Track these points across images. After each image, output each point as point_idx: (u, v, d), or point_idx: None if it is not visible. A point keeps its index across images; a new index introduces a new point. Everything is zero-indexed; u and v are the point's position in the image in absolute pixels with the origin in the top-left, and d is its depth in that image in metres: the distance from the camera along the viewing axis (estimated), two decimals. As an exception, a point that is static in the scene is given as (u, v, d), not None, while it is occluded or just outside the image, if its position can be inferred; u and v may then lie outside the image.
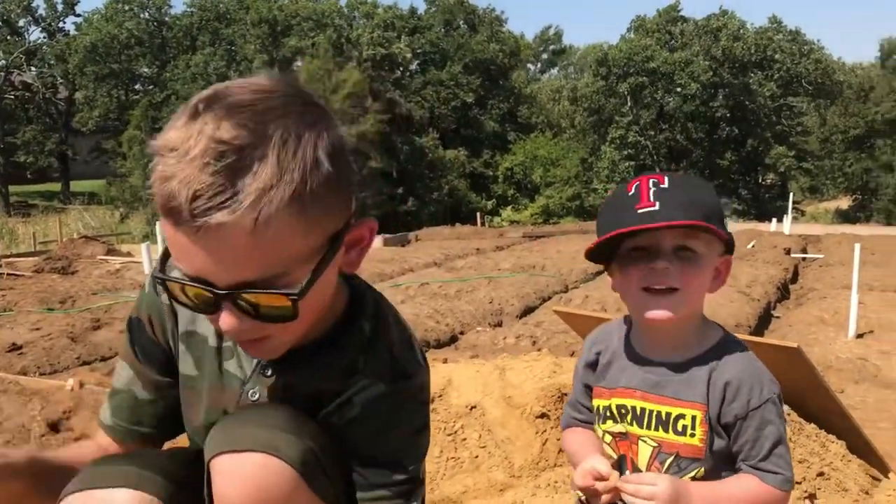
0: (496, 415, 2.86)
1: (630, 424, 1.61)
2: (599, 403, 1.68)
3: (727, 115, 42.25)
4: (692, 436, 1.54)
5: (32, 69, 46.30)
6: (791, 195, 27.14)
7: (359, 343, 1.36)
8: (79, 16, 47.50)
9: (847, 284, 9.13)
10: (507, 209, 39.66)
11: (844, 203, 47.54)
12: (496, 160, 41.11)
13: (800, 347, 2.96)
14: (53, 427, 4.93)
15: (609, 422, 1.65)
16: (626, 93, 40.79)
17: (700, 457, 1.55)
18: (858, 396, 6.28)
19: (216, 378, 1.43)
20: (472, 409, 2.91)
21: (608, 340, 1.72)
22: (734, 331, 4.00)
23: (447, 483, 2.58)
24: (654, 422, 1.58)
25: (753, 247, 16.91)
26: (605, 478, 1.53)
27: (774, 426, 1.51)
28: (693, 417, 1.54)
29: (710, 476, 1.56)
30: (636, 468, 1.60)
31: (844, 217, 41.73)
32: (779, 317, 10.41)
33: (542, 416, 2.71)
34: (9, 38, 45.49)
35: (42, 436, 4.75)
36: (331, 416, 1.35)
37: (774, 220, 23.53)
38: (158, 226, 10.37)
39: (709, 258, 1.52)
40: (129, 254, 17.41)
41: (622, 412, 1.62)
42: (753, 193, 45.48)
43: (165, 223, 1.08)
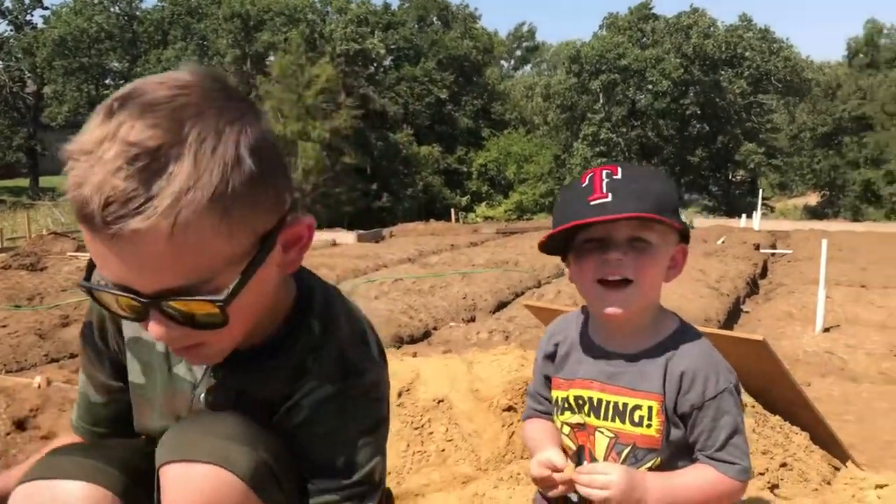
0: (463, 408, 2.87)
1: (587, 415, 1.61)
2: (558, 395, 1.67)
3: (698, 112, 42.64)
4: (648, 426, 1.54)
5: (-1, 62, 45.61)
6: (761, 191, 27.40)
7: (308, 343, 1.32)
8: (47, 8, 46.89)
9: (815, 279, 9.23)
10: (482, 205, 39.74)
11: (813, 199, 48.17)
12: (470, 156, 41.17)
13: (765, 340, 2.98)
14: (19, 425, 4.84)
15: (567, 413, 1.65)
16: (599, 90, 41.00)
17: (656, 447, 1.55)
18: (825, 389, 6.36)
19: (166, 383, 1.39)
20: (440, 403, 2.91)
21: (566, 331, 1.71)
22: (704, 326, 4.04)
23: (413, 477, 2.58)
24: (611, 413, 1.57)
25: (723, 242, 17.07)
26: (561, 470, 1.53)
27: (731, 416, 1.51)
28: (649, 408, 1.54)
29: (667, 466, 1.56)
30: (594, 459, 1.60)
31: (813, 213, 42.27)
32: (748, 311, 10.52)
33: (509, 409, 2.73)
34: (-26, 32, 44.74)
35: (7, 434, 4.67)
36: (282, 420, 1.31)
37: (744, 216, 23.75)
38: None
39: (663, 248, 1.52)
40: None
41: (580, 403, 1.62)
42: (724, 190, 45.96)
43: (83, 230, 1.02)
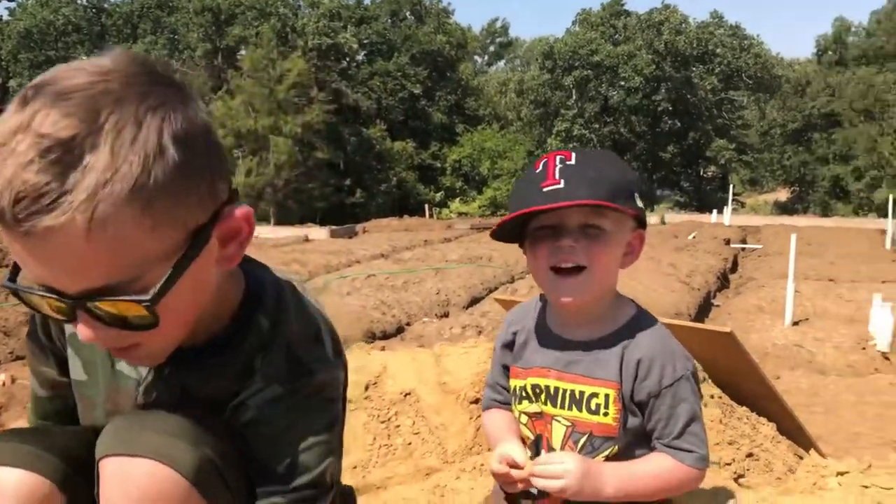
0: (431, 401, 2.86)
1: (544, 404, 1.59)
2: (516, 384, 1.65)
3: (669, 109, 43.00)
4: (605, 414, 1.52)
5: (-37, 56, 44.78)
6: (731, 187, 27.79)
7: (255, 341, 1.27)
8: (12, 0, 46.07)
9: (784, 274, 9.35)
10: (455, 201, 39.77)
11: (783, 195, 48.81)
12: (444, 152, 41.18)
13: (732, 332, 3.00)
14: (-16, 422, 4.77)
15: (525, 402, 1.62)
16: (572, 86, 41.20)
17: (614, 435, 1.53)
18: (793, 382, 6.43)
19: (109, 380, 1.34)
20: (407, 396, 2.90)
21: (524, 320, 1.69)
22: (674, 319, 4.06)
23: (379, 470, 2.57)
24: (568, 401, 1.55)
25: (694, 237, 17.24)
26: (521, 466, 1.51)
27: (688, 404, 1.50)
28: (606, 396, 1.52)
29: (625, 454, 1.54)
30: (552, 448, 1.58)
31: (783, 209, 42.83)
32: (718, 305, 10.63)
33: (477, 402, 2.71)
34: (-63, 24, 43.94)
35: (-29, 432, 4.60)
36: (230, 420, 1.27)
37: (715, 212, 24.04)
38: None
39: (618, 235, 1.49)
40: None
41: (536, 392, 1.60)
42: (695, 185, 46.43)
43: None
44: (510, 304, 4.14)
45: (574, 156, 1.48)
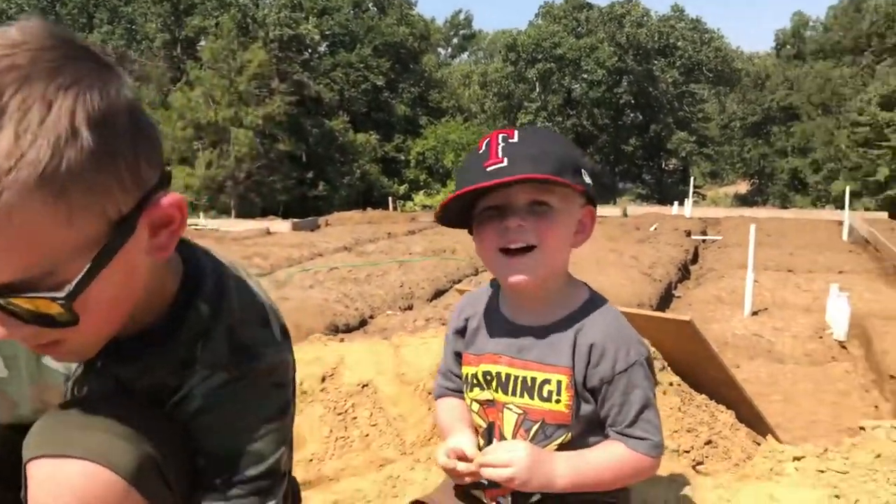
0: (389, 392, 2.82)
1: (496, 391, 1.54)
2: (468, 371, 1.60)
3: (631, 102, 43.38)
4: (558, 401, 1.48)
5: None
6: (692, 179, 28.04)
7: (195, 329, 1.19)
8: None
9: (743, 265, 9.46)
10: (420, 194, 39.71)
11: (743, 187, 49.55)
12: (408, 144, 41.08)
13: (692, 320, 3.00)
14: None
15: (476, 389, 1.58)
16: (535, 78, 41.34)
17: (566, 423, 1.49)
18: (752, 371, 6.52)
19: (35, 376, 1.27)
20: (364, 388, 2.85)
21: (477, 305, 1.64)
22: (636, 310, 4.06)
23: (336, 463, 2.53)
24: (520, 388, 1.51)
25: (656, 229, 17.40)
26: (470, 459, 1.46)
27: (641, 390, 1.46)
28: (558, 382, 1.48)
29: (578, 442, 1.50)
30: (503, 437, 1.54)
31: (743, 201, 43.48)
32: (679, 296, 10.73)
33: (436, 393, 2.69)
34: None
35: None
36: (173, 413, 1.20)
37: (676, 204, 24.31)
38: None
39: (566, 212, 1.45)
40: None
41: (488, 379, 1.55)
42: (656, 178, 46.95)
43: None
44: (471, 295, 4.11)
45: (517, 134, 1.44)
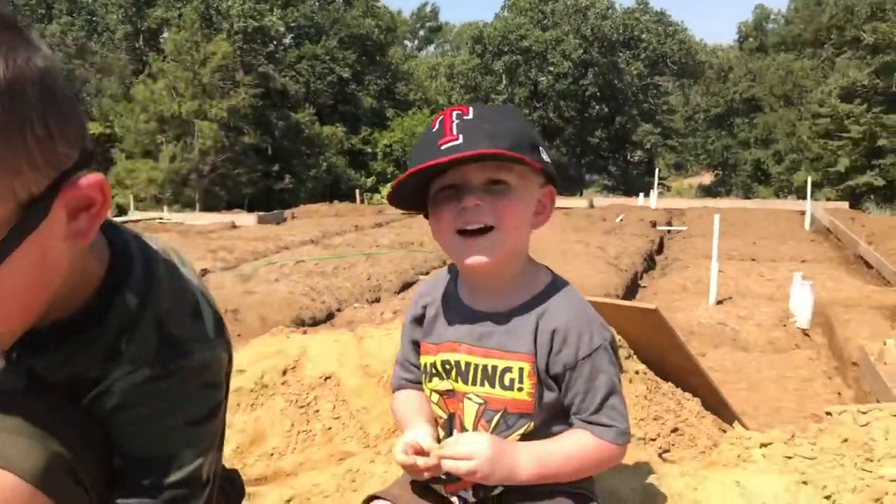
0: (352, 384, 2.76)
1: (455, 381, 1.48)
2: (427, 360, 1.53)
3: (597, 94, 43.61)
4: (520, 390, 1.42)
5: None
6: (657, 171, 28.28)
7: (121, 320, 1.10)
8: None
9: (708, 254, 9.55)
10: (387, 186, 39.45)
11: (707, 179, 50.08)
12: (375, 137, 40.89)
13: (658, 308, 2.99)
14: None
15: (435, 380, 1.51)
16: (502, 71, 41.38)
17: (529, 412, 1.43)
18: (718, 360, 6.57)
19: None
20: (327, 380, 2.80)
21: (434, 292, 1.57)
22: (603, 298, 4.05)
23: (295, 457, 2.48)
24: (480, 377, 1.45)
25: (622, 220, 17.51)
26: (426, 452, 1.41)
27: (606, 376, 1.41)
28: (520, 370, 1.42)
29: (541, 431, 1.45)
30: (464, 428, 1.48)
31: (707, 192, 43.93)
32: (645, 286, 10.82)
33: (401, 385, 2.64)
34: None
35: None
36: (91, 408, 1.11)
37: (642, 195, 24.51)
38: None
39: (525, 190, 1.39)
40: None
41: (447, 368, 1.49)
42: (622, 170, 47.31)
43: None
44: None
45: (472, 110, 1.38)
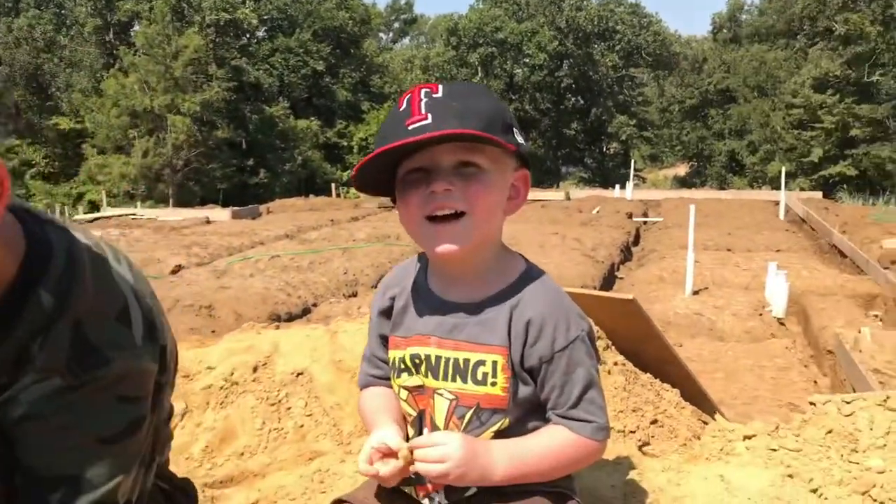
0: (325, 380, 2.69)
1: (425, 376, 1.40)
2: (395, 355, 1.45)
3: (572, 86, 43.64)
4: (493, 384, 1.35)
5: None
6: (633, 163, 28.41)
7: (34, 322, 1.01)
8: None
9: (684, 245, 9.57)
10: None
11: (682, 170, 50.35)
12: (350, 130, 40.66)
13: (635, 299, 2.96)
14: None
15: (404, 375, 1.43)
16: (477, 63, 41.27)
17: (503, 407, 1.36)
18: (695, 349, 6.58)
19: None
20: (299, 376, 2.73)
21: (403, 283, 1.48)
22: (580, 289, 4.01)
23: (263, 457, 2.40)
24: (451, 371, 1.37)
25: (598, 212, 17.52)
26: (394, 453, 1.32)
27: (584, 368, 1.34)
28: (494, 363, 1.35)
29: (516, 428, 1.38)
30: (435, 426, 1.40)
31: (682, 183, 44.15)
32: (622, 277, 10.83)
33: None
34: None
35: None
36: None
37: (618, 187, 24.61)
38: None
39: (497, 174, 1.32)
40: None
41: (416, 363, 1.41)
42: (598, 162, 47.42)
43: None
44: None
45: (441, 88, 1.30)
